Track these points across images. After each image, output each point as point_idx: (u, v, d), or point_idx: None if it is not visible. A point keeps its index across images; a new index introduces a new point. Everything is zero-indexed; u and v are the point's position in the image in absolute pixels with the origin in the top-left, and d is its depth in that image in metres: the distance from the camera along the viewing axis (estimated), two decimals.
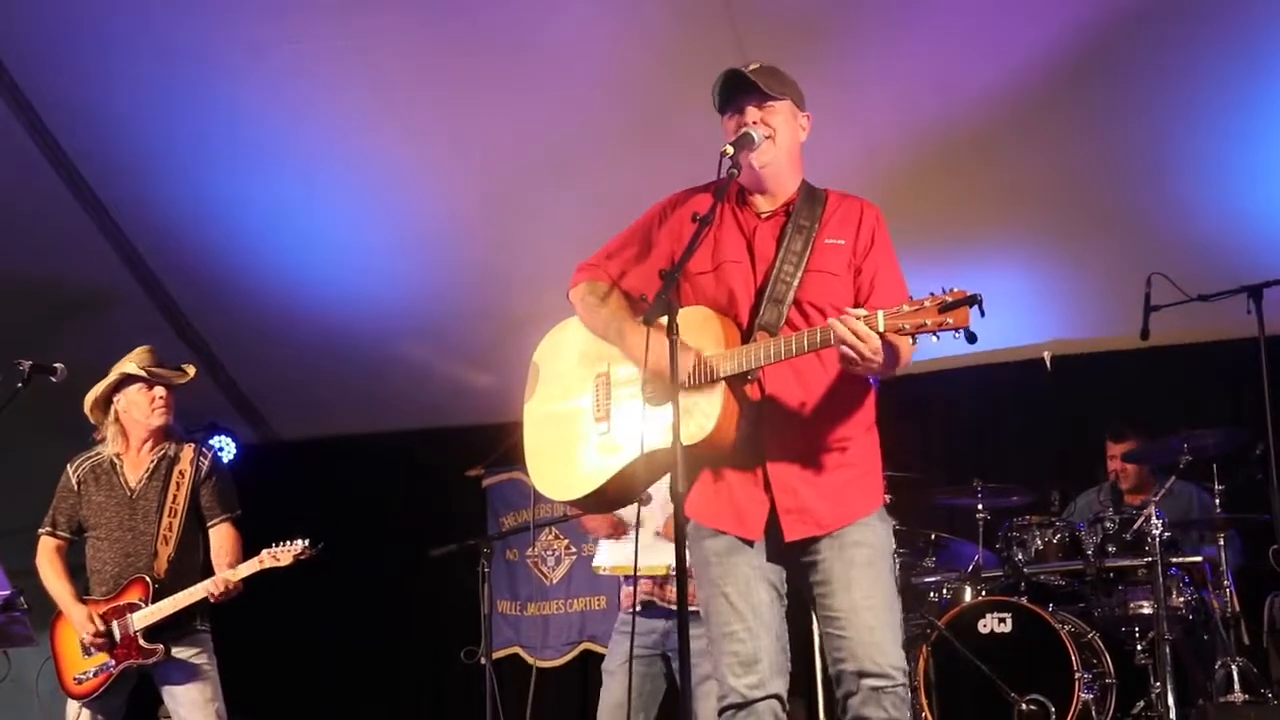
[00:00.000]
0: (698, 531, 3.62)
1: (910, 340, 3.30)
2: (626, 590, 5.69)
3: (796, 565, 3.59)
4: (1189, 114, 6.34)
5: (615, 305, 3.73)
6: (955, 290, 3.17)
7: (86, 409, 5.54)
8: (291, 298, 7.95)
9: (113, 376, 5.51)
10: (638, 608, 5.55)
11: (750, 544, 3.56)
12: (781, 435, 3.54)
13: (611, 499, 3.79)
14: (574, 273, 3.86)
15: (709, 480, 3.61)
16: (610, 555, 5.70)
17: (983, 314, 3.17)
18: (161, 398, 5.50)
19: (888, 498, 6.01)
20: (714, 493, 3.60)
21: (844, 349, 3.25)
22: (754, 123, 3.58)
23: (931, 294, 3.20)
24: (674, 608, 5.37)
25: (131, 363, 5.50)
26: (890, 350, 3.34)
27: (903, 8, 6.07)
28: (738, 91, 3.62)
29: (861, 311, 3.26)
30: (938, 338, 3.22)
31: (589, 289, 3.79)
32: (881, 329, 3.23)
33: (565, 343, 3.91)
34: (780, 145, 3.62)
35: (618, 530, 5.61)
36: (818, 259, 3.58)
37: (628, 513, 5.58)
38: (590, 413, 3.75)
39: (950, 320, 3.16)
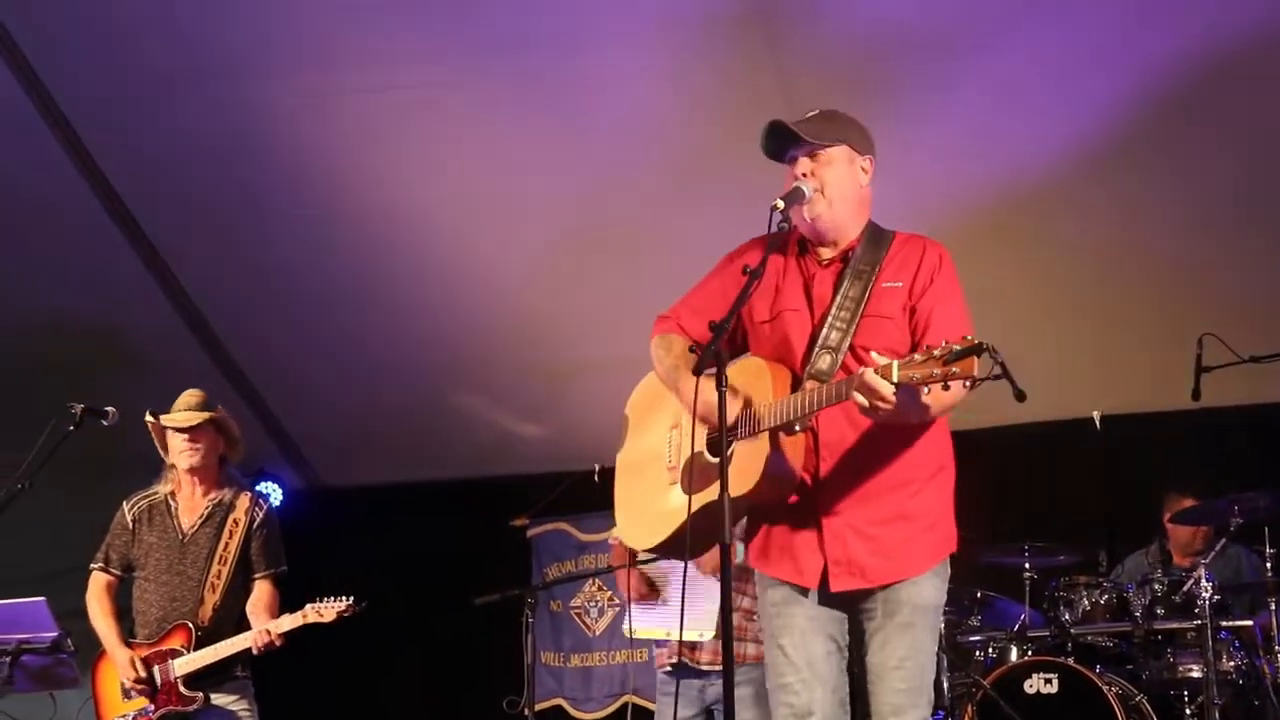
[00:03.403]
0: (761, 580, 3.66)
1: (938, 386, 3.17)
2: (658, 651, 5.70)
3: (852, 614, 3.58)
4: (1244, 175, 6.32)
5: (678, 356, 3.71)
6: (964, 339, 3.06)
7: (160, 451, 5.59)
8: (340, 346, 8.01)
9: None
10: (668, 668, 5.57)
11: (808, 592, 3.56)
12: (835, 485, 3.51)
13: (686, 545, 3.65)
14: (654, 323, 3.86)
15: (769, 529, 3.62)
16: (640, 620, 5.69)
17: (995, 363, 3.06)
18: (186, 440, 5.48)
19: None
20: (774, 541, 3.61)
21: (858, 399, 3.21)
22: (804, 174, 3.56)
23: (945, 342, 3.10)
24: (705, 668, 5.42)
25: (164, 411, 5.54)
26: (910, 397, 3.24)
27: (949, 71, 6.08)
28: (785, 143, 3.60)
29: (882, 361, 3.19)
30: (947, 387, 3.12)
31: (660, 341, 3.79)
32: (896, 380, 3.15)
33: (650, 393, 3.93)
34: (831, 196, 3.57)
35: (648, 597, 5.61)
36: (875, 304, 3.54)
37: (659, 576, 5.59)
38: (665, 463, 3.77)
39: (956, 370, 3.06)
